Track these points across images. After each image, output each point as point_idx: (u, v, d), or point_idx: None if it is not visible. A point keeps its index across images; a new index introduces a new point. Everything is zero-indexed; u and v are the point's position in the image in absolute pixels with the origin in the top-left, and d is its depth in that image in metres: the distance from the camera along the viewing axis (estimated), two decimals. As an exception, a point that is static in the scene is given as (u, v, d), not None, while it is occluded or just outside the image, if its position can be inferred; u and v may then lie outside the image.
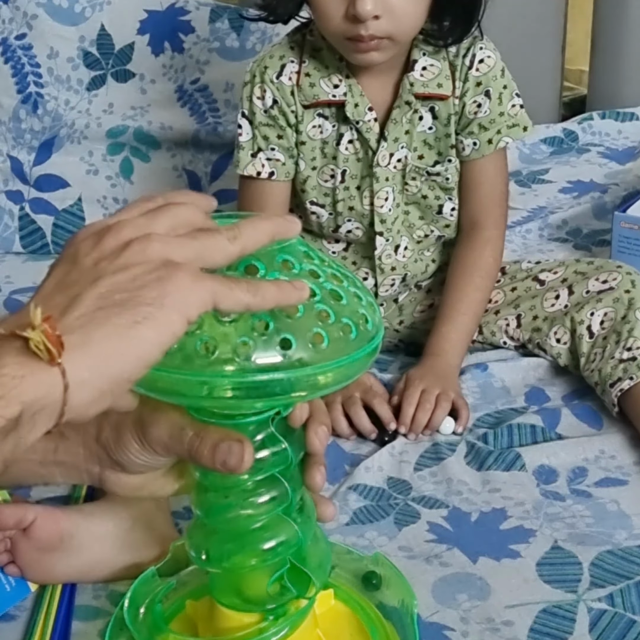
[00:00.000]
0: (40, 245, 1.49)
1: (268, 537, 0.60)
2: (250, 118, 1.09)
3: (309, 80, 1.08)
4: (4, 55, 1.45)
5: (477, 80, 1.08)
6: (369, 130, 1.08)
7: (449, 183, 1.12)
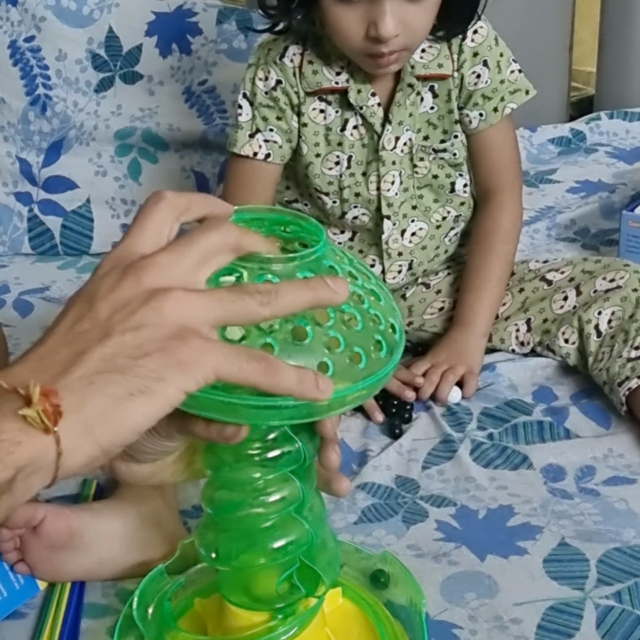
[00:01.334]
0: (49, 247, 1.49)
1: (278, 536, 0.60)
2: (251, 99, 1.11)
3: (312, 68, 1.09)
4: (12, 58, 1.46)
5: (474, 51, 1.10)
6: (373, 114, 1.09)
7: (456, 159, 1.13)
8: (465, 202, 1.17)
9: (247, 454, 0.58)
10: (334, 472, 0.61)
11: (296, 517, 0.60)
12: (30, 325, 1.29)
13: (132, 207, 1.48)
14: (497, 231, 1.15)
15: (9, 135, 1.48)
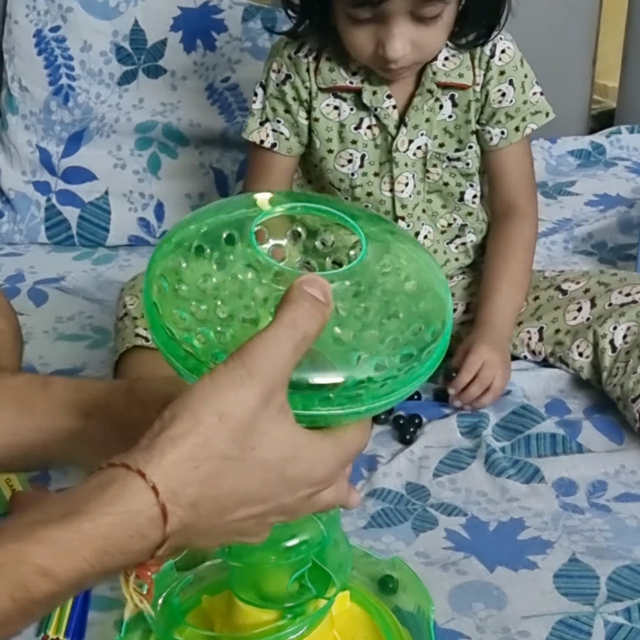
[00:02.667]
0: (65, 237, 1.49)
1: (292, 534, 0.60)
2: (265, 88, 1.13)
3: (329, 65, 1.10)
4: (37, 47, 1.46)
5: (500, 69, 1.11)
6: (387, 116, 1.10)
7: (469, 169, 1.14)
8: (473, 213, 1.17)
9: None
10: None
11: (311, 516, 0.60)
12: (44, 315, 1.29)
13: (149, 201, 1.48)
14: (520, 240, 1.16)
15: (30, 124, 1.48)
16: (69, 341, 1.23)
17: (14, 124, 1.48)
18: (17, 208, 1.49)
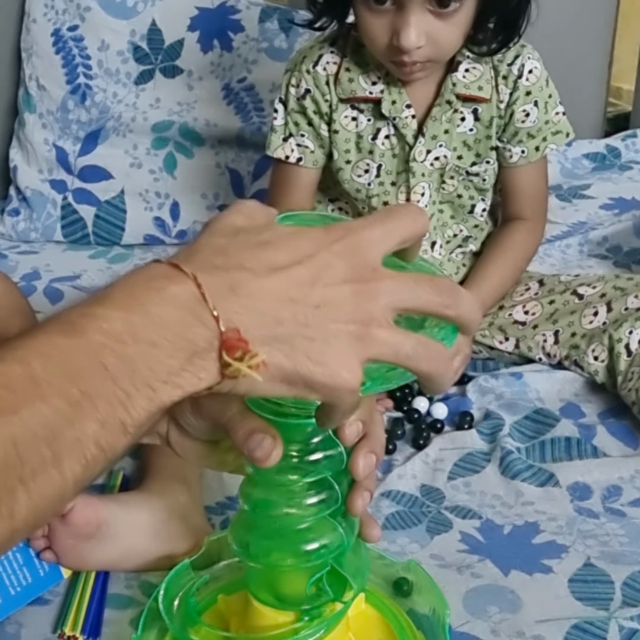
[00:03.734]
0: (80, 236, 1.50)
1: (312, 538, 0.60)
2: (286, 104, 1.13)
3: (349, 75, 1.10)
4: (55, 46, 1.46)
5: (527, 90, 1.10)
6: (406, 126, 1.10)
7: (485, 184, 1.14)
8: (478, 225, 1.18)
9: (288, 454, 0.58)
10: (365, 516, 0.61)
11: (331, 520, 0.60)
12: (59, 313, 1.29)
13: (165, 200, 1.49)
14: (521, 247, 1.17)
15: (48, 122, 1.49)
16: (84, 339, 1.23)
17: (31, 122, 1.49)
18: (34, 206, 1.49)
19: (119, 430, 0.42)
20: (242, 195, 1.49)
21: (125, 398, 0.42)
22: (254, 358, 0.44)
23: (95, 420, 0.42)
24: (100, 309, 0.43)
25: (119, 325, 0.43)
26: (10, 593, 0.78)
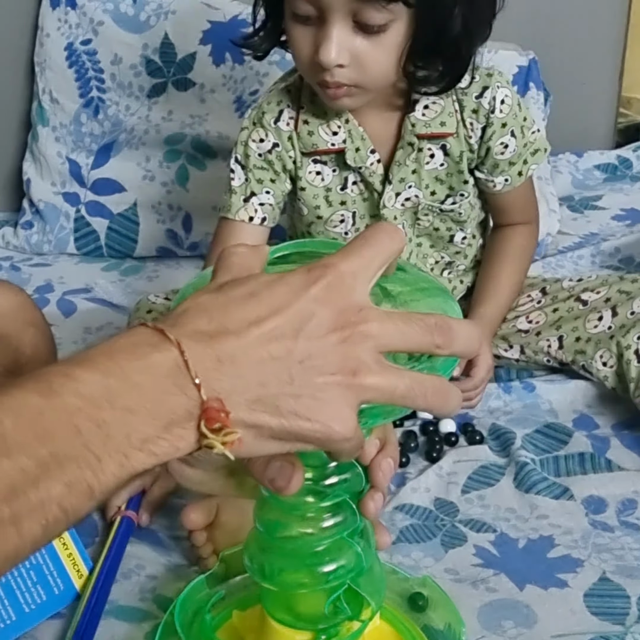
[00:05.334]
0: (93, 248, 1.51)
1: (329, 560, 0.60)
2: (244, 162, 1.07)
3: (307, 128, 1.05)
4: (68, 60, 1.47)
5: (502, 122, 1.06)
6: (373, 174, 1.06)
7: (461, 217, 1.11)
8: (460, 252, 1.15)
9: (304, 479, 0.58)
10: (376, 522, 0.61)
11: (349, 541, 0.60)
12: (72, 325, 1.30)
13: (177, 212, 1.49)
14: (520, 248, 1.16)
15: (61, 135, 1.49)
16: (98, 352, 1.24)
17: (44, 135, 1.50)
18: (47, 219, 1.50)
19: (85, 494, 0.42)
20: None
21: (96, 463, 0.42)
22: (229, 435, 0.43)
23: (61, 482, 0.41)
24: (79, 370, 0.43)
25: (97, 389, 0.42)
26: (25, 610, 0.78)
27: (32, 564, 0.79)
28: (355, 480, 0.58)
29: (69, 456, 0.41)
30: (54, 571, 0.81)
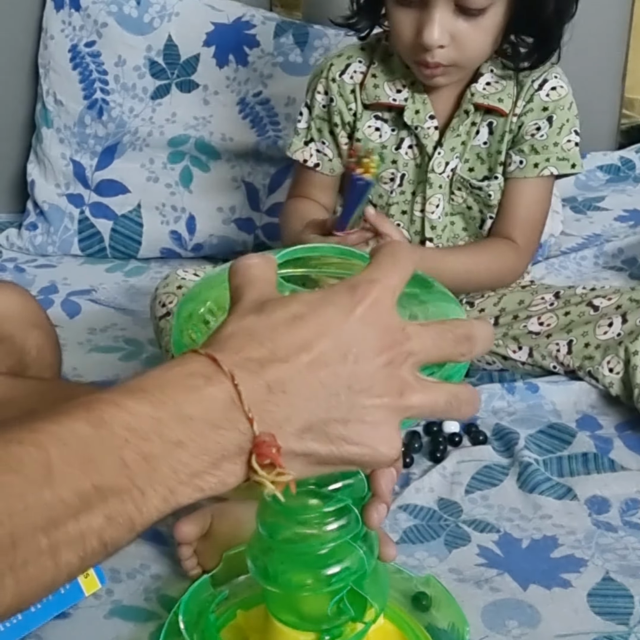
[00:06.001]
0: (97, 249, 1.51)
1: (333, 563, 0.60)
2: (311, 108, 1.16)
3: (374, 82, 1.12)
4: (72, 61, 1.48)
5: (544, 105, 1.10)
6: (427, 136, 1.11)
7: (491, 200, 1.14)
8: None
9: (306, 483, 0.58)
10: (372, 530, 0.61)
11: (352, 544, 0.60)
12: (77, 326, 1.31)
13: (181, 214, 1.50)
14: (504, 257, 1.14)
15: (65, 137, 1.50)
16: (102, 353, 1.24)
17: (48, 137, 1.51)
18: (51, 220, 1.51)
19: (126, 527, 0.41)
20: (258, 208, 1.50)
21: (140, 496, 0.41)
22: (281, 476, 0.43)
23: (102, 516, 0.40)
24: (131, 402, 0.42)
25: (147, 422, 0.42)
26: (30, 610, 0.78)
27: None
28: (358, 486, 0.58)
29: (113, 489, 0.40)
30: (59, 571, 0.81)
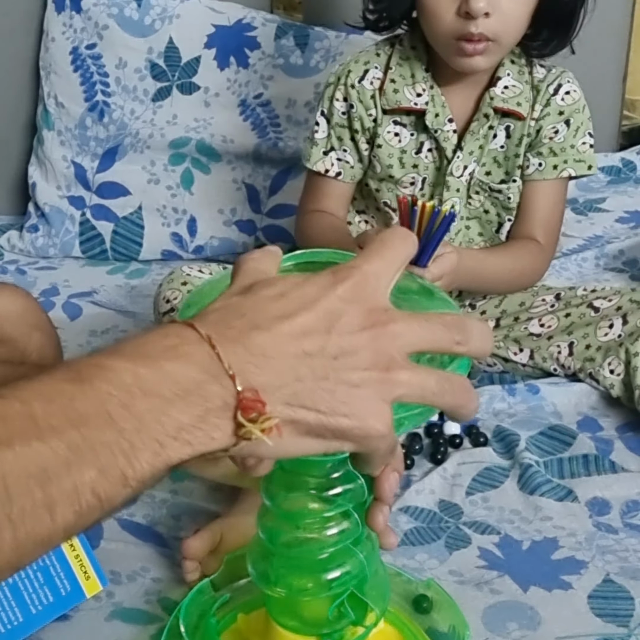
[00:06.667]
0: (99, 251, 1.51)
1: (333, 567, 0.60)
2: (329, 117, 1.15)
3: (394, 87, 1.12)
4: (73, 64, 1.48)
5: (560, 109, 1.12)
6: (447, 139, 1.11)
7: (510, 203, 1.15)
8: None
9: (306, 488, 0.58)
10: (376, 532, 0.61)
11: (352, 549, 0.60)
12: (78, 328, 1.31)
13: (182, 216, 1.50)
14: (531, 259, 1.15)
15: (66, 139, 1.50)
16: (103, 355, 1.24)
17: (49, 139, 1.51)
18: (52, 222, 1.51)
19: (119, 481, 0.41)
20: (259, 210, 1.50)
21: (129, 449, 0.41)
22: (267, 421, 0.43)
23: (94, 468, 0.40)
24: (109, 361, 0.43)
25: (128, 377, 0.42)
26: (32, 612, 0.78)
27: (39, 566, 0.80)
28: (358, 492, 0.58)
29: (102, 442, 0.41)
30: (61, 572, 0.81)
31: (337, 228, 1.14)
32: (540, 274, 1.19)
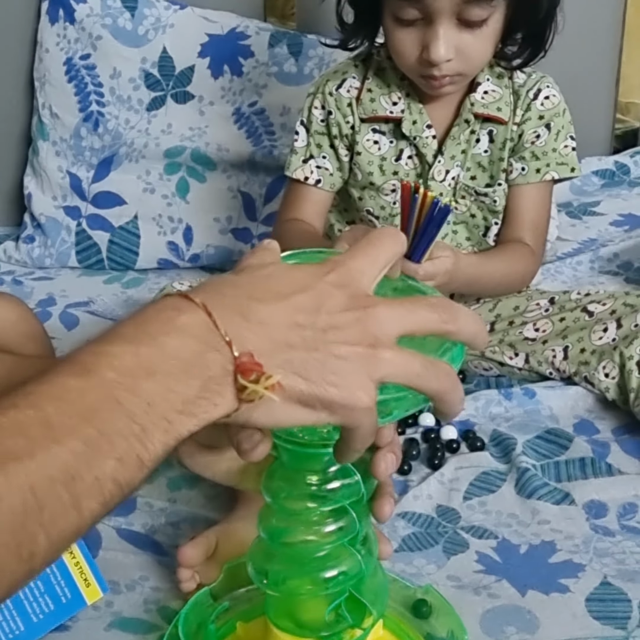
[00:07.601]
0: (95, 261, 1.52)
1: (331, 566, 0.61)
2: (308, 126, 1.16)
3: (370, 96, 1.13)
4: (68, 74, 1.49)
5: (540, 114, 1.13)
6: (426, 145, 1.12)
7: (496, 206, 1.15)
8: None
9: (306, 483, 0.59)
10: (382, 523, 0.62)
11: (349, 548, 0.61)
12: (75, 338, 1.31)
13: (178, 224, 1.50)
14: (523, 262, 1.16)
15: (61, 150, 1.51)
16: (100, 365, 1.24)
17: (44, 150, 1.51)
18: (48, 232, 1.51)
19: (136, 465, 0.43)
20: (255, 217, 1.50)
21: (141, 432, 0.43)
22: (269, 379, 0.45)
23: (112, 458, 0.42)
24: (109, 346, 0.44)
25: (130, 359, 0.43)
26: (33, 620, 0.78)
27: (39, 574, 0.80)
28: (355, 487, 0.59)
29: (116, 430, 0.42)
30: (61, 580, 0.81)
31: (314, 235, 1.14)
32: (532, 277, 1.20)
